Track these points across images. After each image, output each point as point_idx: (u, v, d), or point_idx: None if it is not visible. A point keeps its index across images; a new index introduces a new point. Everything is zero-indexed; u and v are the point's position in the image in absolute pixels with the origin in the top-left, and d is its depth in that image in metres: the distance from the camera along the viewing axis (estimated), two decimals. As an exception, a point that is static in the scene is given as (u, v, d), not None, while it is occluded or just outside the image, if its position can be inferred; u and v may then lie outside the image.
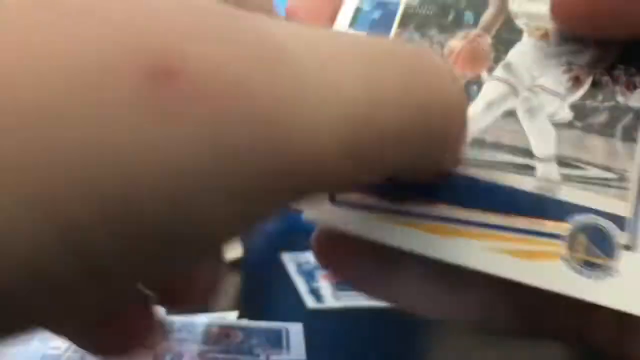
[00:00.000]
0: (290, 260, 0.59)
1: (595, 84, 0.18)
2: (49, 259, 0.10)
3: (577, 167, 0.17)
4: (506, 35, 0.19)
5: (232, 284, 0.59)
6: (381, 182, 0.16)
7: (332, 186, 0.16)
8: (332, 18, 0.20)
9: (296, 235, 0.46)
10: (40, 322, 0.12)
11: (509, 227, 0.17)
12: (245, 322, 0.36)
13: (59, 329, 0.18)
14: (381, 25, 0.19)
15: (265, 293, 0.40)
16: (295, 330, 0.35)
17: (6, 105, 0.09)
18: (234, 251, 0.61)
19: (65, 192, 0.10)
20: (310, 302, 0.47)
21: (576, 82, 0.18)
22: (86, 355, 0.20)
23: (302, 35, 0.13)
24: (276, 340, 0.34)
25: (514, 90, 0.18)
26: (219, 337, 0.34)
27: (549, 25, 0.18)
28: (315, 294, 0.49)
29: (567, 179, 0.17)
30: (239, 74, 0.11)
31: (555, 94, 0.18)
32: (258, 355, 0.32)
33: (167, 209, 0.11)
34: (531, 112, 0.18)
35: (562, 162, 0.17)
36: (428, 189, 0.17)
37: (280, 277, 0.55)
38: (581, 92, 0.18)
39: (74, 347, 0.25)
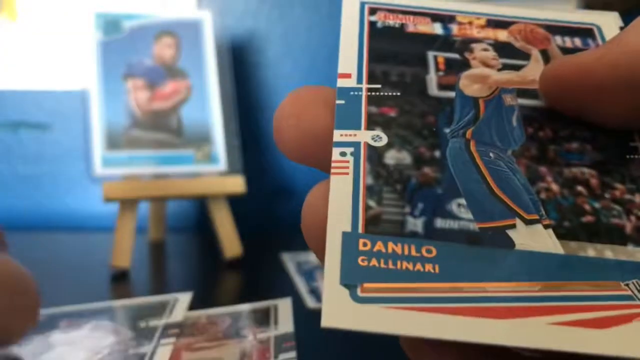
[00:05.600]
0: (290, 260, 0.59)
1: None
2: None
3: None
4: None
5: (232, 283, 0.58)
6: None
7: None
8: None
9: (296, 235, 0.45)
10: None
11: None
12: (232, 307, 0.35)
13: None
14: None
15: (265, 293, 0.40)
16: (283, 306, 0.35)
17: None
18: (233, 251, 0.60)
19: None
20: (310, 302, 0.47)
21: None
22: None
23: None
24: (265, 319, 0.34)
25: None
26: (206, 326, 0.34)
27: None
28: (315, 293, 0.49)
29: None
30: None
31: None
32: (245, 336, 0.32)
33: None
34: None
35: None
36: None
37: (280, 277, 0.55)
38: None
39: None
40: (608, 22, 0.23)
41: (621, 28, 0.23)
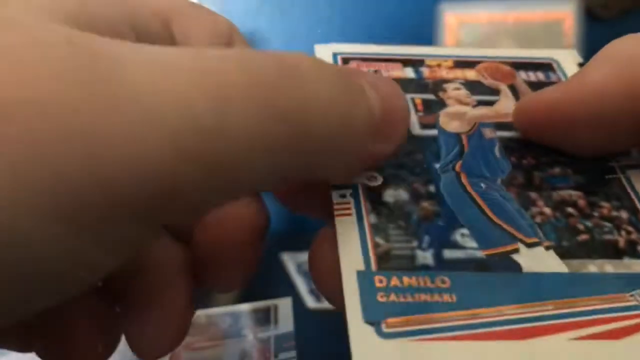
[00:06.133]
0: (290, 260, 0.58)
1: None
2: None
3: None
4: None
5: None
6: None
7: (189, 201, 0.14)
8: None
9: (296, 235, 0.45)
10: None
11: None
12: (232, 307, 0.35)
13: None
14: None
15: (265, 293, 0.39)
16: (284, 305, 0.34)
17: None
18: None
19: None
20: (310, 302, 0.46)
21: None
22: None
23: (143, 53, 0.14)
24: (265, 318, 0.33)
25: None
26: (206, 326, 0.33)
27: None
28: (315, 293, 0.48)
29: None
30: (45, 91, 0.12)
31: None
32: (245, 335, 0.32)
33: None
34: None
35: None
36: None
37: (280, 277, 0.54)
38: None
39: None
40: (565, 57, 0.25)
41: (580, 64, 0.24)
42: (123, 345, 0.20)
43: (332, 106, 0.16)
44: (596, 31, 0.23)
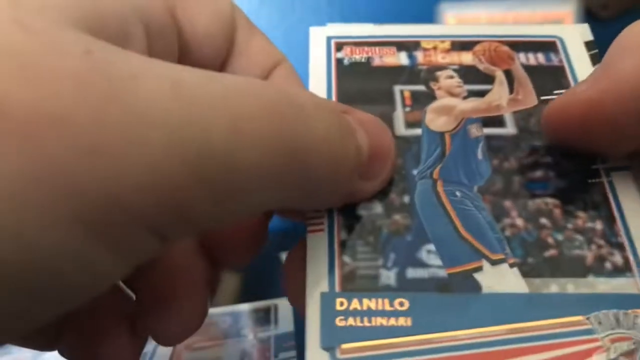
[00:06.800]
0: None
1: None
2: None
3: None
4: None
5: (231, 283, 0.60)
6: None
7: (195, 221, 0.15)
8: None
9: (296, 236, 0.46)
10: None
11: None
12: (232, 307, 0.35)
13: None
14: None
15: (265, 293, 0.41)
16: (284, 305, 0.35)
17: None
18: None
19: None
20: None
21: None
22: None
23: (157, 68, 0.14)
24: (265, 318, 0.34)
25: None
26: (206, 326, 0.32)
27: None
28: None
29: None
30: (62, 107, 0.12)
31: None
32: (246, 335, 0.32)
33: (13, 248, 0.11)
34: None
35: None
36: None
37: (280, 277, 0.56)
38: None
39: None
40: (571, 34, 0.23)
41: (587, 43, 0.23)
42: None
43: (327, 145, 0.17)
44: (596, 31, 0.22)
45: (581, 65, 0.23)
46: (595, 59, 0.23)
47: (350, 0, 0.58)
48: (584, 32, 0.23)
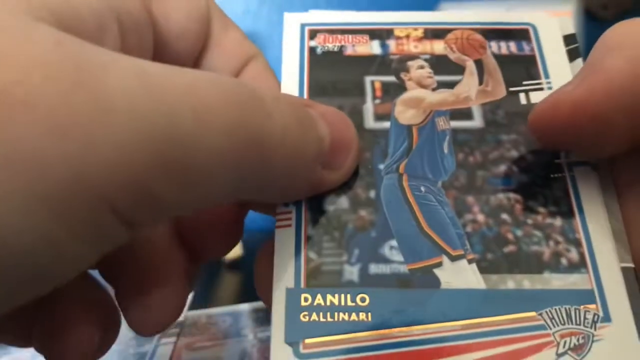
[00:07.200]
0: None
1: None
2: None
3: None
4: None
5: (231, 283, 0.60)
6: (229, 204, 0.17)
7: (160, 205, 0.15)
8: None
9: None
10: None
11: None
12: (232, 307, 0.36)
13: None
14: None
15: None
16: None
17: None
18: (233, 251, 0.61)
19: None
20: None
21: None
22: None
23: (126, 61, 0.15)
24: (265, 318, 0.34)
25: None
26: (206, 326, 0.34)
27: None
28: None
29: None
30: (31, 92, 0.13)
31: None
32: (246, 335, 0.33)
33: None
34: None
35: None
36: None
37: None
38: None
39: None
40: (546, 23, 0.23)
41: (567, 37, 0.23)
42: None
43: (286, 134, 0.17)
44: (596, 31, 0.21)
45: (554, 57, 0.23)
46: (574, 54, 0.23)
47: (350, 0, 0.57)
48: (565, 25, 0.23)
